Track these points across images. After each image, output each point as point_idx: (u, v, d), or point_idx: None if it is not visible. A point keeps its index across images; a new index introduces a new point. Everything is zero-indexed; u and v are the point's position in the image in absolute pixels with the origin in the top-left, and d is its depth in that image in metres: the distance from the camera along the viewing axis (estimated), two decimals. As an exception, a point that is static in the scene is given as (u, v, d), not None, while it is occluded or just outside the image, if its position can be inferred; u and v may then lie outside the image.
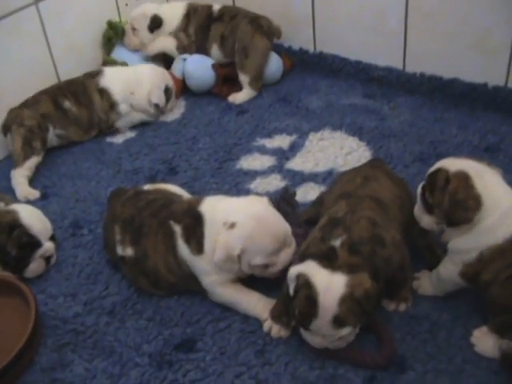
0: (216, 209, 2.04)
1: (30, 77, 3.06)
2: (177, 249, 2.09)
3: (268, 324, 1.98)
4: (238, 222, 1.97)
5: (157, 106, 3.10)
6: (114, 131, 3.10)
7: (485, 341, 1.84)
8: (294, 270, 1.82)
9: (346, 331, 1.76)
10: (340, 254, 1.78)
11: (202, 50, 3.35)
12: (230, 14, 3.33)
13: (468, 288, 1.89)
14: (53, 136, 2.97)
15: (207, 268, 2.05)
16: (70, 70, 3.24)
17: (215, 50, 3.35)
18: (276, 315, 1.96)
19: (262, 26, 3.25)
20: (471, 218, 1.77)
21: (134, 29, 3.38)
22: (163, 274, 2.13)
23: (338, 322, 1.73)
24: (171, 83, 3.19)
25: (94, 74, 3.11)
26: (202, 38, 3.37)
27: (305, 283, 1.76)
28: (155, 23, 3.36)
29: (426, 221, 1.92)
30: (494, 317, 1.84)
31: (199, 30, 3.37)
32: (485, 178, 1.81)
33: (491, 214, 1.77)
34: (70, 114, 3.00)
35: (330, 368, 1.85)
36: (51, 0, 3.11)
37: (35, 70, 3.12)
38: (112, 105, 3.06)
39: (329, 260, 1.78)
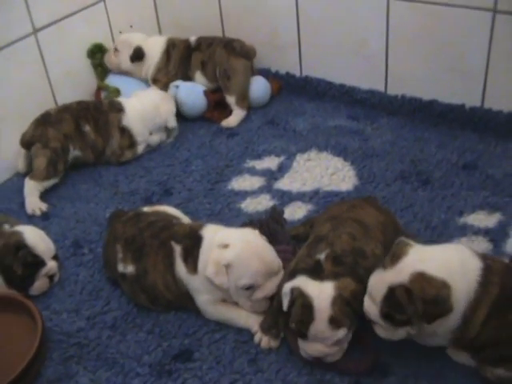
0: (215, 235, 2.14)
1: (28, 102, 3.12)
2: (174, 267, 2.17)
3: (258, 336, 2.07)
4: (230, 244, 2.08)
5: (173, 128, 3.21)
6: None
7: (458, 354, 1.91)
8: (287, 286, 1.92)
9: (341, 333, 1.85)
10: (325, 267, 1.91)
11: (186, 78, 3.45)
12: (206, 43, 3.43)
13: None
14: (71, 157, 3.01)
15: (200, 287, 2.14)
16: (67, 95, 3.32)
17: (199, 76, 3.44)
18: (266, 327, 2.06)
19: (235, 48, 3.34)
20: (451, 306, 1.73)
21: (116, 50, 3.46)
22: (161, 291, 2.21)
23: (334, 322, 1.83)
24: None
25: (118, 108, 3.13)
26: (184, 68, 3.47)
27: (299, 294, 1.87)
28: (137, 55, 3.43)
29: (401, 333, 1.82)
30: (479, 352, 1.84)
31: (180, 61, 3.47)
32: (428, 260, 1.77)
33: (456, 283, 1.73)
34: (89, 138, 3.05)
35: (317, 374, 1.94)
36: (49, 29, 3.19)
37: (34, 95, 3.17)
38: (132, 144, 3.12)
39: (316, 273, 1.90)
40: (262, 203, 2.73)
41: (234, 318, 2.15)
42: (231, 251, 2.06)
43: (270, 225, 2.37)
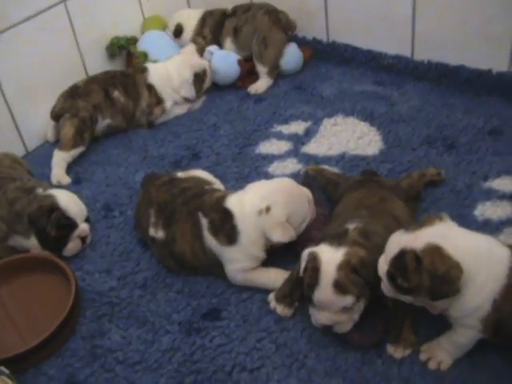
0: (243, 203, 2.16)
1: (59, 70, 3.18)
2: (203, 240, 2.21)
3: (273, 305, 2.12)
4: (269, 204, 2.12)
5: (187, 98, 3.23)
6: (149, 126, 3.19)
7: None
8: (307, 251, 1.96)
9: (348, 300, 1.84)
10: (350, 234, 1.93)
11: (218, 45, 3.47)
12: (242, 9, 3.46)
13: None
14: (101, 126, 3.09)
15: (235, 256, 2.17)
16: (97, 63, 3.40)
17: (229, 43, 3.47)
18: (280, 296, 2.10)
19: (281, 20, 3.35)
20: (459, 289, 1.66)
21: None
22: (188, 259, 2.25)
23: (338, 286, 1.83)
24: (201, 67, 3.29)
25: (143, 70, 3.23)
26: (216, 34, 3.51)
27: (313, 258, 1.90)
28: (177, 31, 3.60)
29: (404, 299, 1.79)
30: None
31: (214, 27, 3.52)
32: (450, 238, 1.71)
33: (478, 269, 1.68)
34: (118, 104, 3.11)
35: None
36: (78, -3, 3.23)
37: (64, 63, 3.23)
38: (159, 101, 3.18)
39: (338, 239, 1.92)
40: (288, 167, 2.76)
41: (263, 282, 2.19)
42: (279, 207, 2.12)
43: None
